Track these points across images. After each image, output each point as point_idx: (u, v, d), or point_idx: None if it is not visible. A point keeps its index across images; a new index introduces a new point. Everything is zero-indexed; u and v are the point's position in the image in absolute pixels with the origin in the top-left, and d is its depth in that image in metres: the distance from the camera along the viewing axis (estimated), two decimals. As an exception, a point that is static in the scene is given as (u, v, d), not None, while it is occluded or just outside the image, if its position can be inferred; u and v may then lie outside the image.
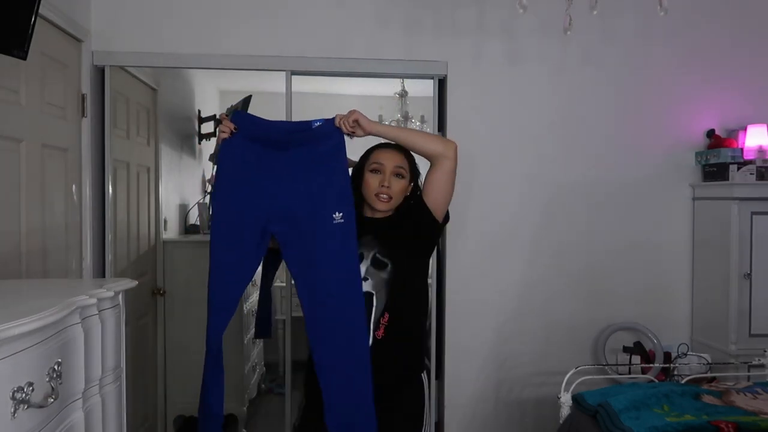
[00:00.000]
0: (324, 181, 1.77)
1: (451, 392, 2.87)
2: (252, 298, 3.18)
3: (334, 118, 1.78)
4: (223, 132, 1.77)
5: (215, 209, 1.84)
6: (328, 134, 1.77)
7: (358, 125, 1.75)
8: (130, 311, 1.85)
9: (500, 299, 2.89)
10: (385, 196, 1.80)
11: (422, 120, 3.16)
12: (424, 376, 1.88)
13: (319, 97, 3.14)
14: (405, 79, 3.10)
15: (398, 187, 1.82)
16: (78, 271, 2.49)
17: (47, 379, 1.11)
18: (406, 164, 1.84)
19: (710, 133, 2.95)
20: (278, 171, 1.78)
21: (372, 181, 1.81)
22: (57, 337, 1.16)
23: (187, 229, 3.39)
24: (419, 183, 1.89)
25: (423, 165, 1.92)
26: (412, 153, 1.86)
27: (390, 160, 1.81)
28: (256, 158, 1.78)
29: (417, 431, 1.80)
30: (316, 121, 1.79)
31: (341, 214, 1.74)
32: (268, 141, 1.79)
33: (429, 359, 2.90)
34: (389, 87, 3.15)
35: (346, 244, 1.75)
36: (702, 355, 2.71)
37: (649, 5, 2.12)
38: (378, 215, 1.86)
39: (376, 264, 1.80)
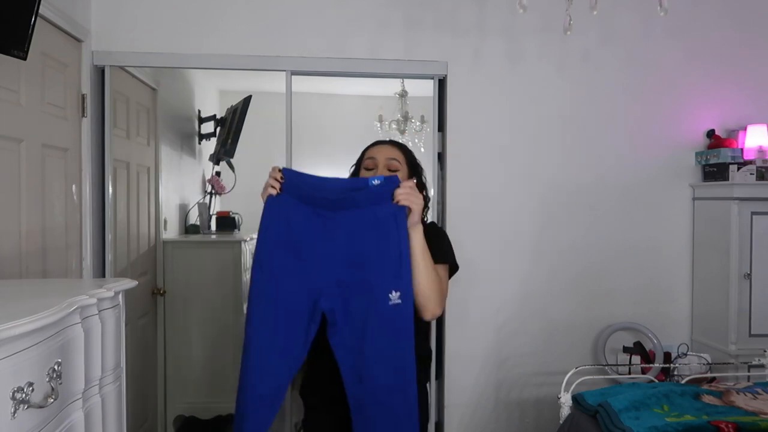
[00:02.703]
0: (381, 252, 1.51)
1: (451, 392, 2.87)
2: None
3: (394, 178, 1.57)
4: (272, 188, 1.54)
5: (257, 280, 1.52)
6: (387, 196, 1.53)
7: (409, 209, 1.56)
8: (130, 311, 1.85)
9: (500, 299, 2.89)
10: None
11: (422, 120, 3.16)
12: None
13: (319, 97, 3.14)
14: (405, 79, 3.10)
15: None
16: (78, 271, 2.49)
17: (47, 379, 1.11)
18: (400, 156, 1.73)
19: (710, 133, 2.95)
20: (330, 236, 1.52)
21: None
22: (57, 337, 1.16)
23: (187, 229, 3.39)
24: (424, 180, 1.81)
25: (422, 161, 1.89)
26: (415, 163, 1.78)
27: (381, 154, 1.73)
28: (306, 220, 1.53)
29: None
30: (373, 179, 1.55)
31: (398, 293, 1.49)
32: (318, 200, 1.54)
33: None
34: (389, 87, 3.15)
35: (402, 332, 1.50)
36: (702, 355, 2.71)
37: (649, 5, 2.12)
38: None
39: None
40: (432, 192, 2.87)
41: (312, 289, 1.50)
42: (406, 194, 1.54)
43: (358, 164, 1.80)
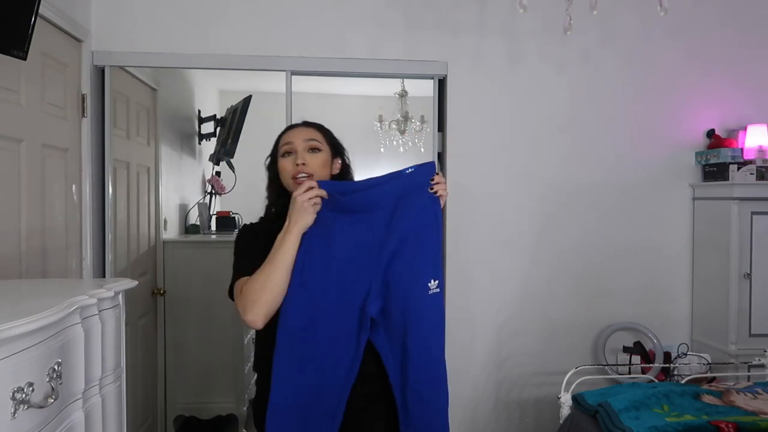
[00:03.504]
0: (421, 242, 1.47)
1: (451, 392, 2.84)
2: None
3: (430, 165, 1.53)
4: (316, 204, 1.46)
5: (302, 298, 1.45)
6: (424, 183, 1.49)
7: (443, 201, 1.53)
8: (130, 311, 1.85)
9: (500, 299, 2.89)
10: (303, 175, 1.54)
11: (422, 120, 3.16)
12: None
13: (319, 97, 3.14)
14: (405, 79, 3.10)
15: (316, 161, 1.56)
16: (78, 271, 2.49)
17: (47, 380, 1.11)
18: (318, 135, 1.61)
19: (710, 133, 2.95)
20: (371, 238, 1.47)
21: (286, 165, 1.57)
22: (57, 337, 1.16)
23: (187, 229, 3.39)
24: (347, 160, 1.67)
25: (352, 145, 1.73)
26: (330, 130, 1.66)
27: (298, 136, 1.59)
28: (345, 227, 1.48)
29: None
30: (407, 168, 1.50)
31: (437, 282, 1.47)
32: (355, 204, 1.49)
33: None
34: (389, 87, 3.15)
35: (440, 320, 1.49)
36: (702, 355, 2.71)
37: (649, 5, 2.12)
38: None
39: None
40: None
41: (358, 296, 1.46)
42: (444, 185, 1.51)
43: (274, 154, 1.63)
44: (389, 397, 1.51)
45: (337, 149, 1.65)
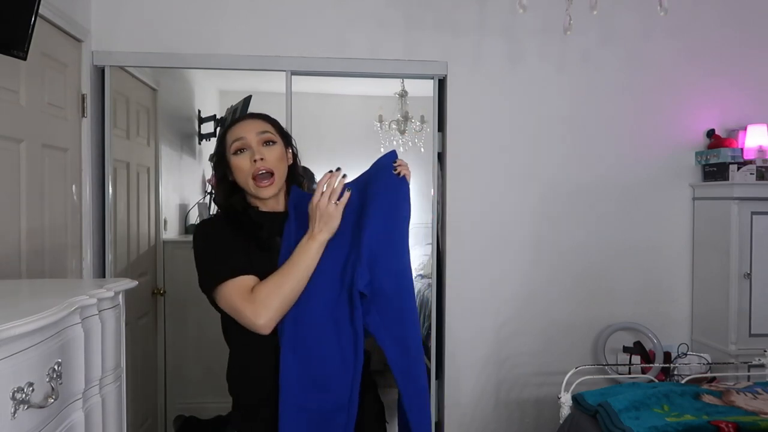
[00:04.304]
0: (392, 219, 1.46)
1: (451, 392, 2.87)
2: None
3: (391, 152, 1.52)
4: (340, 206, 1.42)
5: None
6: (386, 166, 1.50)
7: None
8: (130, 311, 1.84)
9: (500, 299, 2.89)
10: (263, 172, 1.44)
11: (422, 120, 3.16)
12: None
13: (319, 97, 3.14)
14: (405, 79, 3.10)
15: (273, 155, 1.46)
16: (78, 271, 2.49)
17: (47, 380, 1.11)
18: (269, 127, 1.50)
19: (710, 133, 2.95)
20: (350, 219, 1.44)
21: (241, 164, 1.45)
22: (57, 337, 1.16)
23: (187, 229, 3.38)
24: (295, 150, 1.58)
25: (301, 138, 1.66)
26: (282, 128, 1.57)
27: (249, 130, 1.46)
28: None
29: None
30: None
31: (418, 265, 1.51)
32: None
33: (429, 359, 2.90)
34: (389, 87, 3.15)
35: (414, 296, 1.51)
36: (702, 355, 2.71)
37: (649, 5, 2.12)
38: (279, 207, 1.52)
39: None
40: (432, 192, 2.88)
41: (346, 275, 1.40)
42: (407, 167, 1.49)
43: (221, 152, 1.50)
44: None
45: (287, 139, 1.55)
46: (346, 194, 1.42)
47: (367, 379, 1.47)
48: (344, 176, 1.43)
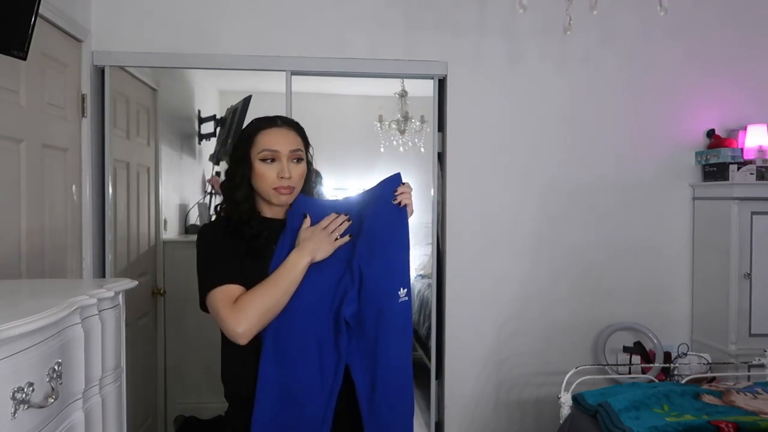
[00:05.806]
0: (386, 250, 1.46)
1: (451, 392, 2.87)
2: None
3: (395, 176, 1.53)
4: (337, 240, 1.47)
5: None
6: (385, 195, 1.50)
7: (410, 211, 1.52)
8: (130, 311, 1.84)
9: (500, 299, 2.89)
10: (286, 189, 1.48)
11: (422, 120, 3.16)
12: None
13: (319, 97, 3.14)
14: (405, 79, 3.09)
15: (298, 173, 1.50)
16: (78, 271, 2.49)
17: (47, 380, 1.11)
18: (301, 143, 1.53)
19: (710, 133, 2.95)
20: (345, 245, 1.48)
21: (267, 173, 1.47)
22: (57, 337, 1.16)
23: (187, 229, 3.38)
24: (311, 158, 1.59)
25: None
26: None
27: (284, 145, 1.48)
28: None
29: None
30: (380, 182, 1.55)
31: (405, 290, 1.46)
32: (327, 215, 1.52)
33: (429, 359, 2.90)
34: (389, 87, 3.15)
35: (408, 327, 1.48)
36: (702, 355, 2.71)
37: (649, 5, 2.12)
38: (282, 214, 1.54)
39: None
40: (432, 192, 2.88)
41: (335, 300, 1.44)
42: (409, 196, 1.51)
43: (246, 150, 1.50)
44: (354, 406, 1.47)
45: (307, 148, 1.57)
46: (346, 238, 1.47)
47: (346, 403, 1.46)
48: (350, 220, 1.50)
